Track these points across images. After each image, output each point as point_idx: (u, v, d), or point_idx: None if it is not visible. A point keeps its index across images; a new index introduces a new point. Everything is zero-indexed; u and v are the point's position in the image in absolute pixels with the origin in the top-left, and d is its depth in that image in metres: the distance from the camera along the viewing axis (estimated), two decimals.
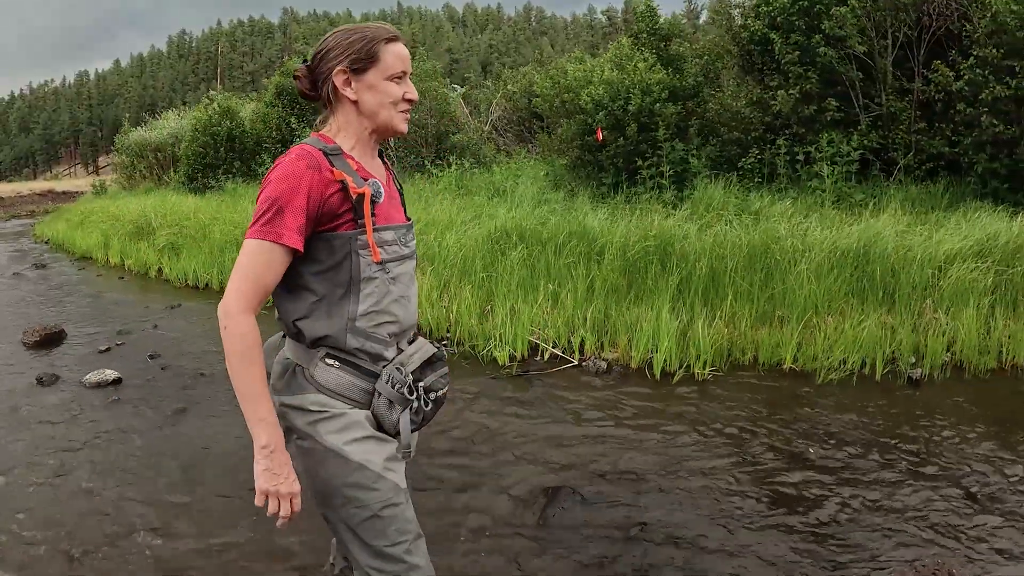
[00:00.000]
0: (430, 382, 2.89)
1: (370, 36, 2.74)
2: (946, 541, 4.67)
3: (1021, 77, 12.08)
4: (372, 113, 2.78)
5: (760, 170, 14.39)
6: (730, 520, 5.04)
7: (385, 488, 2.74)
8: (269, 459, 2.57)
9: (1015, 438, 6.13)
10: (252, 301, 2.58)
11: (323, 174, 2.61)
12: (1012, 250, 9.09)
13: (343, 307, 2.72)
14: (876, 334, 8.07)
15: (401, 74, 2.79)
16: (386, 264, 2.77)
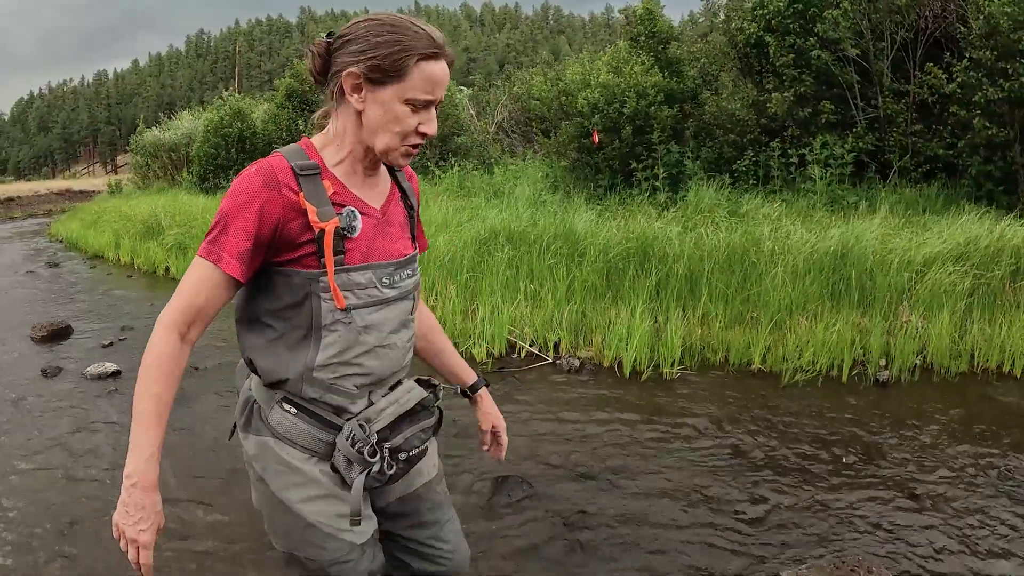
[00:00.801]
0: (401, 441, 2.50)
1: (406, 44, 2.23)
2: (878, 539, 4.80)
3: (1014, 79, 12.08)
4: (372, 132, 2.33)
5: (755, 172, 14.49)
6: (668, 512, 5.22)
7: (333, 548, 2.48)
8: (127, 492, 2.22)
9: (970, 441, 6.23)
10: (178, 319, 2.26)
11: (283, 194, 2.24)
12: (991, 254, 9.17)
13: (301, 353, 2.38)
14: (847, 337, 8.18)
15: (426, 101, 2.30)
16: (354, 311, 2.38)
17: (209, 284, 2.23)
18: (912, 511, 5.12)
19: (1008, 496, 5.24)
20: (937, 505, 5.18)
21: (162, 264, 17.45)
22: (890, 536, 4.81)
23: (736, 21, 15.84)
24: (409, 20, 2.29)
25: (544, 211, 13.18)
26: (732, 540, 4.85)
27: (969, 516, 5.00)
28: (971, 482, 5.50)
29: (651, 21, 17.14)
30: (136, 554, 2.23)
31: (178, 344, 2.25)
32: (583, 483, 5.73)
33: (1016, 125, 12.47)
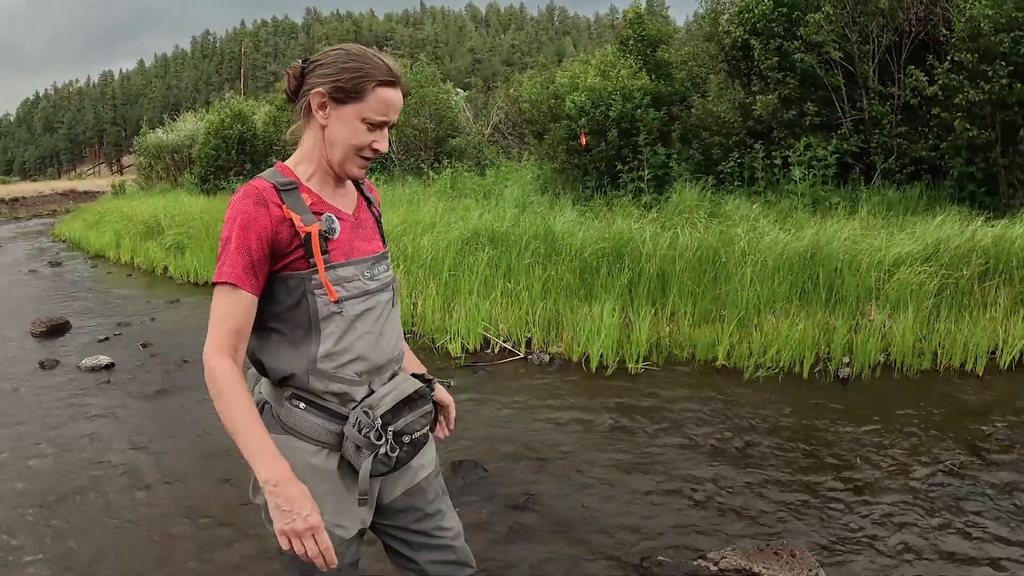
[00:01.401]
0: (403, 425, 2.71)
1: (365, 71, 2.57)
2: (811, 525, 5.00)
3: (995, 81, 12.18)
4: (331, 145, 2.63)
5: (741, 174, 14.64)
6: (611, 497, 5.48)
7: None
8: (274, 496, 2.37)
9: (921, 437, 6.38)
10: (222, 343, 2.47)
11: (270, 210, 2.52)
12: (960, 255, 9.32)
13: (304, 348, 2.61)
14: (811, 334, 8.37)
15: (379, 122, 2.63)
16: (345, 302, 2.64)
17: (232, 303, 2.47)
18: (850, 501, 5.32)
19: (948, 490, 5.42)
20: (876, 496, 5.37)
21: (161, 263, 17.83)
22: (824, 523, 5.03)
23: (723, 24, 16.02)
24: (373, 52, 2.62)
25: (530, 212, 13.44)
26: (668, 523, 5.10)
27: (906, 508, 5.19)
28: (914, 476, 5.68)
29: (640, 25, 17.37)
30: (314, 541, 2.38)
31: (230, 364, 2.46)
32: (535, 468, 6.03)
33: (997, 127, 12.60)
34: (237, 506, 5.50)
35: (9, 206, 54.94)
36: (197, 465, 6.31)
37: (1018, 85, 12.07)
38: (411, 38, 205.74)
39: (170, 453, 6.57)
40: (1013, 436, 6.22)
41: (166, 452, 6.58)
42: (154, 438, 6.93)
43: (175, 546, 4.99)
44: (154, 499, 5.69)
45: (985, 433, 6.34)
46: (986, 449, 6.04)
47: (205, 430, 7.06)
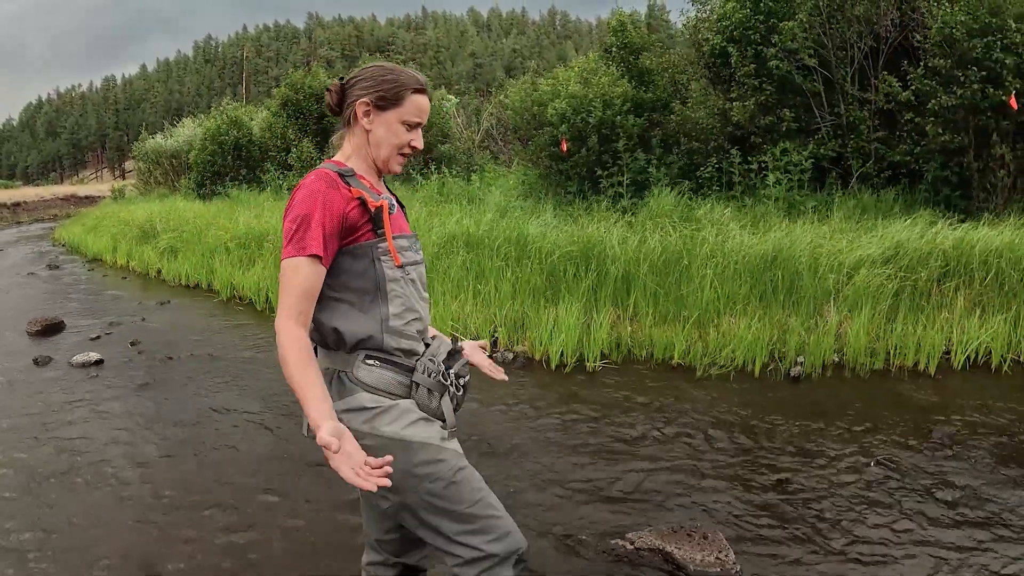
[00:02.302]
0: (458, 368, 3.13)
1: (402, 81, 2.99)
2: (732, 511, 5.24)
3: (967, 87, 12.37)
4: (377, 146, 3.02)
5: (719, 179, 14.84)
6: (544, 484, 5.78)
7: (450, 457, 2.96)
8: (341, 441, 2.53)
9: (859, 434, 6.55)
10: (297, 313, 2.75)
11: (341, 191, 2.84)
12: (919, 257, 9.53)
13: (375, 309, 2.94)
14: (767, 334, 8.61)
15: (416, 123, 3.04)
16: (406, 267, 3.02)
17: (310, 274, 2.77)
18: (775, 490, 5.56)
19: (872, 484, 5.62)
20: (801, 487, 5.60)
21: (154, 266, 18.20)
22: (746, 509, 5.28)
23: (703, 32, 16.19)
24: (402, 67, 3.06)
25: (510, 217, 13.72)
26: (597, 507, 5.40)
27: (828, 498, 5.41)
28: (841, 469, 5.89)
29: (623, 32, 17.60)
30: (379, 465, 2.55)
31: (304, 333, 2.76)
32: (480, 454, 6.38)
33: (971, 131, 12.78)
34: (201, 489, 5.91)
35: (11, 210, 55.17)
36: (168, 451, 6.76)
37: (990, 90, 12.29)
38: (412, 43, 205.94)
39: (145, 441, 7.02)
40: (952, 434, 6.39)
41: (142, 440, 7.04)
42: (132, 427, 7.39)
43: (146, 522, 5.40)
44: (124, 480, 6.13)
45: (925, 430, 6.53)
46: (924, 446, 6.24)
47: (179, 420, 7.54)
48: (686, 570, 4.49)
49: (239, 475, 6.19)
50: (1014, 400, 7.24)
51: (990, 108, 12.51)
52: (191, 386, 8.65)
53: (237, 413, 7.72)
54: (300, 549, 4.94)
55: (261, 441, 6.93)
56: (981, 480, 5.58)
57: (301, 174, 25.19)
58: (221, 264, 15.47)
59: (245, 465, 6.40)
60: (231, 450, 6.74)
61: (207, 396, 8.29)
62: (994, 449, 6.11)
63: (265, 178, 27.05)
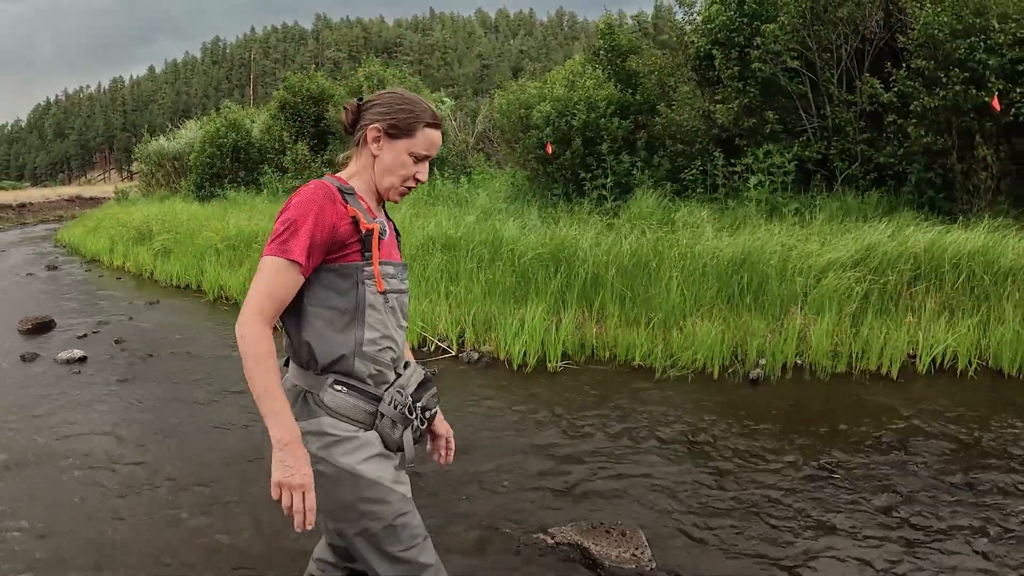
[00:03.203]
0: (425, 402, 3.12)
1: (416, 113, 2.98)
2: (660, 510, 5.32)
3: (948, 88, 12.40)
4: (382, 173, 3.00)
5: (704, 181, 14.92)
6: (485, 481, 5.89)
7: (396, 500, 2.94)
8: (283, 451, 2.67)
9: (809, 435, 6.60)
10: (265, 313, 2.75)
11: (336, 207, 2.83)
12: (889, 260, 9.54)
13: (351, 332, 2.92)
14: (731, 336, 8.67)
15: (424, 156, 3.04)
16: (387, 294, 2.99)
17: (286, 279, 2.75)
18: (707, 490, 5.63)
19: (810, 487, 5.66)
20: (736, 487, 5.67)
21: (148, 267, 18.39)
22: (676, 508, 5.36)
23: (688, 35, 16.32)
24: (419, 98, 3.06)
25: (494, 219, 13.82)
26: (528, 502, 5.52)
27: (761, 499, 5.46)
28: (782, 471, 5.93)
29: (611, 35, 17.75)
30: (302, 498, 2.69)
31: (269, 333, 2.74)
32: (423, 449, 6.57)
33: (954, 133, 12.79)
34: (165, 474, 6.23)
35: (16, 212, 55.33)
36: (136, 440, 7.10)
37: (973, 91, 12.30)
38: (420, 44, 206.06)
39: (114, 431, 7.33)
40: (901, 438, 6.45)
41: (113, 431, 7.34)
42: (104, 418, 7.72)
43: (110, 507, 5.69)
44: (93, 466, 6.45)
45: (877, 435, 6.55)
46: (872, 450, 6.27)
47: (150, 412, 7.92)
48: (602, 565, 4.57)
49: (201, 463, 6.49)
50: (974, 405, 7.25)
51: (973, 109, 12.52)
52: (166, 382, 8.93)
53: (205, 406, 8.03)
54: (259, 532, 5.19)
55: (226, 433, 7.23)
56: (922, 485, 5.61)
57: (296, 177, 25.37)
58: (211, 265, 15.63)
59: (208, 454, 6.70)
60: (196, 439, 7.07)
61: (179, 391, 8.57)
62: (942, 454, 6.14)
63: (263, 180, 27.27)
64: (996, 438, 6.40)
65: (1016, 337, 8.27)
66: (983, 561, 4.54)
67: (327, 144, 28.37)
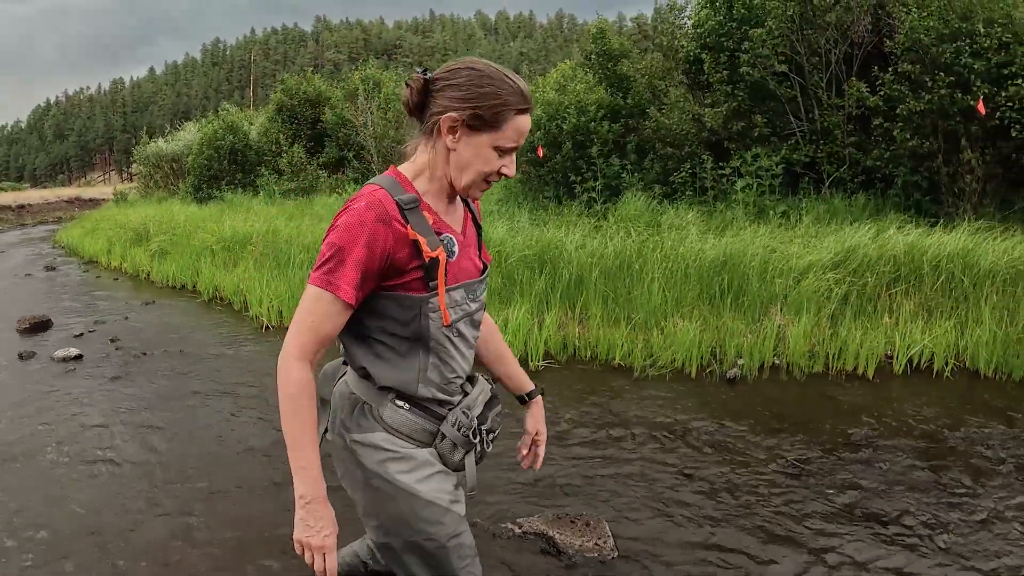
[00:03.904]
0: (490, 423, 2.91)
1: (505, 99, 2.50)
2: (627, 503, 5.43)
3: (934, 92, 12.56)
4: (459, 170, 2.60)
5: (692, 184, 15.06)
6: None
7: (451, 521, 2.78)
8: (304, 510, 2.54)
9: (779, 433, 6.68)
10: (307, 349, 2.52)
11: (394, 228, 2.49)
12: (869, 262, 9.66)
13: (412, 361, 2.69)
14: (710, 336, 8.80)
15: (511, 148, 2.59)
16: (455, 324, 2.71)
17: (331, 312, 2.50)
18: (674, 485, 5.74)
19: (776, 483, 5.76)
20: (703, 482, 5.77)
21: (145, 268, 18.57)
22: (641, 501, 5.48)
23: (678, 39, 16.52)
24: (504, 73, 2.54)
25: (484, 221, 13.89)
26: (498, 494, 5.64)
27: (726, 494, 5.56)
28: (750, 468, 6.02)
29: (603, 40, 17.91)
30: (323, 560, 2.57)
31: (308, 372, 2.53)
32: None
33: (939, 136, 12.94)
34: (152, 466, 6.45)
35: (15, 213, 55.48)
36: (125, 435, 7.29)
37: (959, 95, 12.43)
38: (420, 46, 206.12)
39: (105, 425, 7.56)
40: (872, 436, 6.56)
41: (104, 426, 7.53)
42: (96, 413, 7.93)
43: (101, 495, 5.94)
44: (85, 459, 6.67)
45: (846, 432, 6.66)
46: (839, 447, 6.38)
47: (140, 407, 8.10)
48: (565, 553, 4.72)
49: (189, 455, 6.70)
50: (948, 405, 7.33)
51: (959, 113, 12.65)
52: (158, 379, 9.13)
53: (195, 403, 8.21)
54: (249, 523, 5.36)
55: (215, 428, 7.41)
56: (887, 482, 5.71)
57: (292, 179, 25.52)
58: (206, 266, 15.79)
59: (197, 447, 6.91)
60: (185, 433, 7.27)
61: (171, 388, 8.75)
62: (910, 453, 6.22)
63: (259, 182, 27.44)
64: (966, 437, 6.48)
65: (993, 338, 8.34)
66: (944, 556, 4.64)
67: (323, 146, 28.51)
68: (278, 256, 14.43)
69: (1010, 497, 5.38)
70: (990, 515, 5.14)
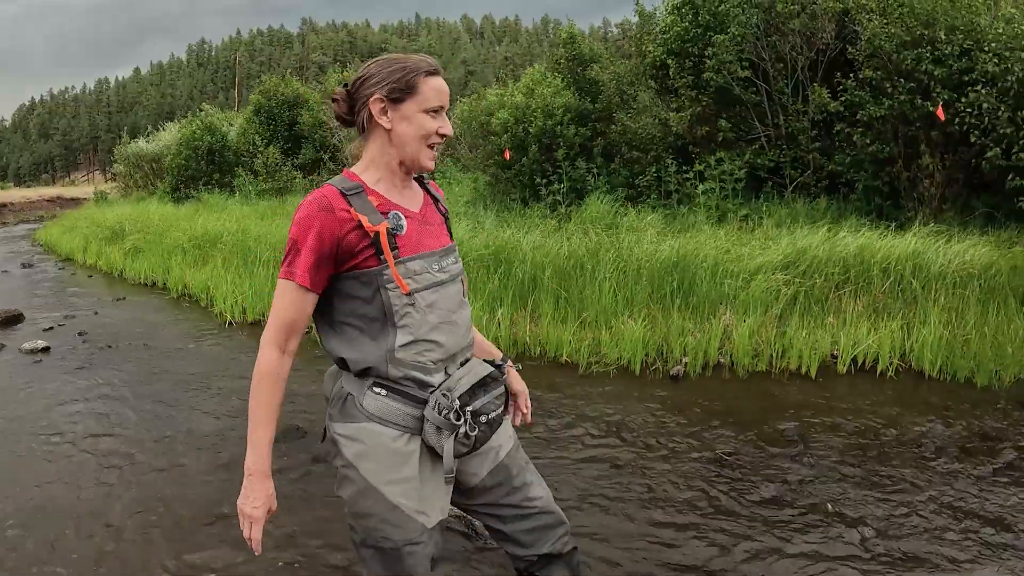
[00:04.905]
0: (479, 405, 2.87)
1: (411, 67, 2.78)
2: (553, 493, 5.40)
3: (894, 98, 12.71)
4: (401, 144, 2.81)
5: (658, 187, 15.18)
6: None
7: (411, 528, 2.83)
8: (247, 480, 2.75)
9: (712, 428, 6.79)
10: (278, 335, 2.74)
11: (337, 214, 2.68)
12: (818, 264, 9.80)
13: (382, 340, 2.79)
14: (657, 334, 8.94)
15: (438, 108, 2.82)
16: (416, 294, 2.80)
17: (294, 300, 2.73)
18: (599, 477, 5.90)
19: (707, 473, 5.89)
20: (630, 474, 5.90)
21: (119, 266, 18.79)
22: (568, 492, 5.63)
23: (645, 44, 16.59)
24: (406, 54, 2.86)
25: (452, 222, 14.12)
26: None
27: (650, 486, 5.68)
28: (678, 461, 6.13)
29: (573, 44, 18.14)
30: (249, 528, 2.76)
31: (279, 357, 2.76)
32: None
33: (900, 142, 13.09)
34: (105, 451, 6.79)
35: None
36: (82, 421, 7.62)
37: (919, 101, 12.60)
38: (405, 49, 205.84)
39: (66, 411, 7.91)
40: (805, 433, 6.65)
41: (63, 411, 7.92)
42: (57, 401, 8.28)
43: (53, 474, 6.32)
44: (44, 442, 7.05)
45: (780, 428, 6.76)
46: (772, 442, 6.49)
47: (98, 396, 8.42)
48: (482, 536, 4.92)
49: (141, 439, 7.06)
50: (888, 404, 7.43)
51: (919, 119, 12.80)
52: (120, 370, 9.41)
53: (152, 392, 8.52)
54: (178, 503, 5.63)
55: (169, 415, 7.73)
56: (814, 476, 5.82)
57: (267, 180, 25.69)
58: (177, 264, 16.00)
59: (149, 432, 7.26)
60: (139, 419, 7.59)
61: (132, 378, 9.05)
62: (841, 449, 6.32)
63: (236, 183, 27.62)
64: (901, 435, 6.58)
65: (938, 339, 8.46)
66: (859, 550, 4.73)
67: (301, 148, 28.66)
68: (246, 254, 14.61)
69: (937, 495, 5.46)
70: (912, 510, 5.23)
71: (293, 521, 5.28)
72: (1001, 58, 12.16)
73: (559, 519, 3.32)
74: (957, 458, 6.09)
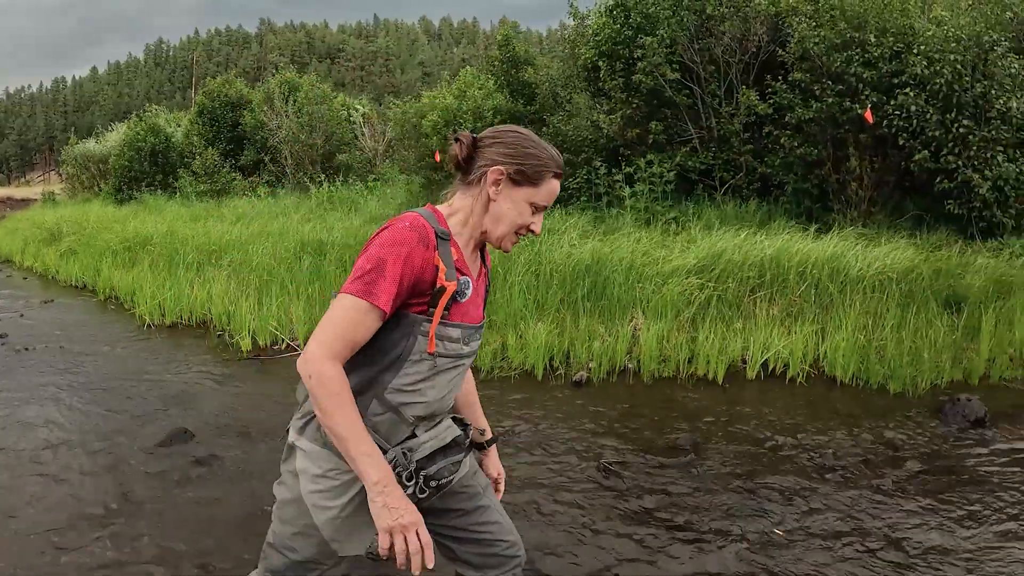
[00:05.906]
0: (434, 471, 2.83)
1: (545, 161, 2.76)
2: None
3: (823, 100, 12.78)
4: (496, 220, 2.80)
5: (588, 190, 15.16)
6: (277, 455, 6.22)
7: (320, 552, 2.81)
8: (382, 496, 2.57)
9: (603, 436, 6.76)
10: (338, 353, 2.59)
11: (428, 252, 2.63)
12: (731, 268, 9.80)
13: (384, 373, 2.74)
14: (565, 339, 8.89)
15: (543, 207, 2.84)
16: (438, 357, 2.77)
17: (366, 320, 2.58)
18: None
19: (588, 483, 5.82)
20: (514, 481, 5.74)
21: (53, 268, 18.62)
22: None
23: (579, 46, 16.64)
24: (543, 142, 2.84)
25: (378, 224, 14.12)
26: None
27: (530, 495, 5.63)
28: (564, 468, 6.10)
29: (508, 47, 18.09)
30: (416, 536, 2.59)
31: (341, 370, 2.59)
32: (232, 436, 6.97)
33: (829, 144, 13.19)
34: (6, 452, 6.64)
35: None
36: None
37: (848, 103, 12.69)
38: (362, 50, 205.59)
39: None
40: (699, 441, 6.59)
41: None
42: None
43: None
44: None
45: (672, 436, 6.70)
46: (662, 451, 6.43)
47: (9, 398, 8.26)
48: None
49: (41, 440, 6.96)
50: (791, 411, 7.40)
51: (848, 121, 12.88)
52: (31, 372, 9.32)
53: (58, 392, 8.44)
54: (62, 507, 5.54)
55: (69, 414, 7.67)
56: (697, 487, 5.74)
57: (206, 182, 25.67)
58: (106, 266, 15.81)
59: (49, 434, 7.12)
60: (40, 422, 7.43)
61: (42, 379, 8.93)
62: (734, 458, 6.27)
63: (178, 184, 27.43)
64: (799, 444, 6.55)
65: (852, 345, 8.45)
66: (737, 563, 4.67)
67: (243, 150, 28.63)
68: (172, 256, 14.50)
69: (823, 508, 5.41)
70: (797, 523, 5.18)
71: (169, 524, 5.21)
72: (931, 60, 12.27)
73: (514, 551, 3.24)
74: (856, 469, 6.05)
